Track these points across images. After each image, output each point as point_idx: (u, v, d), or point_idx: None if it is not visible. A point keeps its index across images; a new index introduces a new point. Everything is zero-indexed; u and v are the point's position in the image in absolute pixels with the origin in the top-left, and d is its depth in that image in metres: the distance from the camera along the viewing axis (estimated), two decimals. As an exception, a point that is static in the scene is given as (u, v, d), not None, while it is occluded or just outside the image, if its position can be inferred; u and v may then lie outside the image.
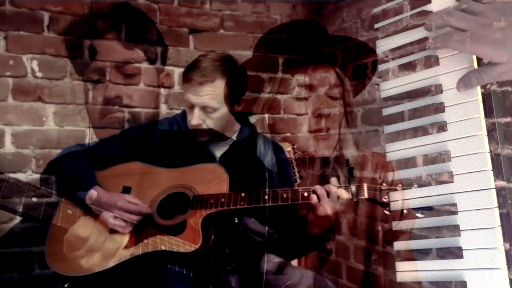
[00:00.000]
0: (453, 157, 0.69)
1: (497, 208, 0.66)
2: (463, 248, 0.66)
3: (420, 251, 0.78)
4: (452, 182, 0.69)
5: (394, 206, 0.78)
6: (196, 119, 1.30)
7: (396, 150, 0.75)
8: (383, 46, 0.78)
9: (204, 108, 1.30)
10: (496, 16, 0.61)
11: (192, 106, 1.31)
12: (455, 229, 0.69)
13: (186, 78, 1.32)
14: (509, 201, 0.95)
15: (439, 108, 0.72)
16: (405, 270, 0.72)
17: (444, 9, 0.68)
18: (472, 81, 0.66)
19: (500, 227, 0.65)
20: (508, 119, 1.07)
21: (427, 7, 0.74)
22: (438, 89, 0.73)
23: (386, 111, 0.78)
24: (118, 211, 1.20)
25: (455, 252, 0.69)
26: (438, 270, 0.69)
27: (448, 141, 0.70)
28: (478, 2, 0.64)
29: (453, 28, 0.65)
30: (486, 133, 0.68)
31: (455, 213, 0.69)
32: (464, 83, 0.67)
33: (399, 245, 0.75)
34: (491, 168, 0.67)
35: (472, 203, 0.67)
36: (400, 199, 0.77)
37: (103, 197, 1.22)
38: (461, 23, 0.63)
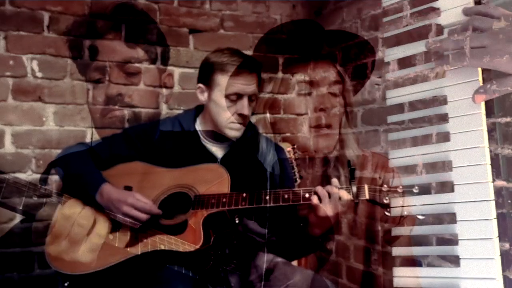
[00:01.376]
0: (455, 167, 0.71)
1: (495, 219, 0.67)
2: (460, 257, 0.68)
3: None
4: (452, 191, 0.71)
5: (395, 211, 0.81)
6: (247, 108, 1.32)
7: (399, 157, 0.77)
8: (393, 54, 0.81)
9: (251, 97, 1.34)
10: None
11: (239, 98, 1.32)
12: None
13: (234, 71, 1.32)
14: (509, 201, 0.96)
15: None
16: (402, 276, 0.74)
17: (458, 33, 0.69)
18: (488, 91, 0.68)
19: (498, 238, 0.67)
20: (508, 119, 1.07)
21: (434, 4, 0.76)
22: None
23: (391, 119, 0.81)
24: (127, 207, 1.22)
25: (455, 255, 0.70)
26: (435, 277, 0.70)
27: (450, 151, 0.72)
28: (491, 19, 0.66)
29: (470, 47, 0.67)
30: (488, 146, 0.70)
31: (454, 215, 0.70)
32: (481, 93, 0.68)
33: (398, 251, 0.78)
34: (491, 180, 0.69)
35: (471, 214, 0.68)
36: (400, 206, 0.80)
37: (113, 194, 1.24)
38: (477, 42, 0.66)
